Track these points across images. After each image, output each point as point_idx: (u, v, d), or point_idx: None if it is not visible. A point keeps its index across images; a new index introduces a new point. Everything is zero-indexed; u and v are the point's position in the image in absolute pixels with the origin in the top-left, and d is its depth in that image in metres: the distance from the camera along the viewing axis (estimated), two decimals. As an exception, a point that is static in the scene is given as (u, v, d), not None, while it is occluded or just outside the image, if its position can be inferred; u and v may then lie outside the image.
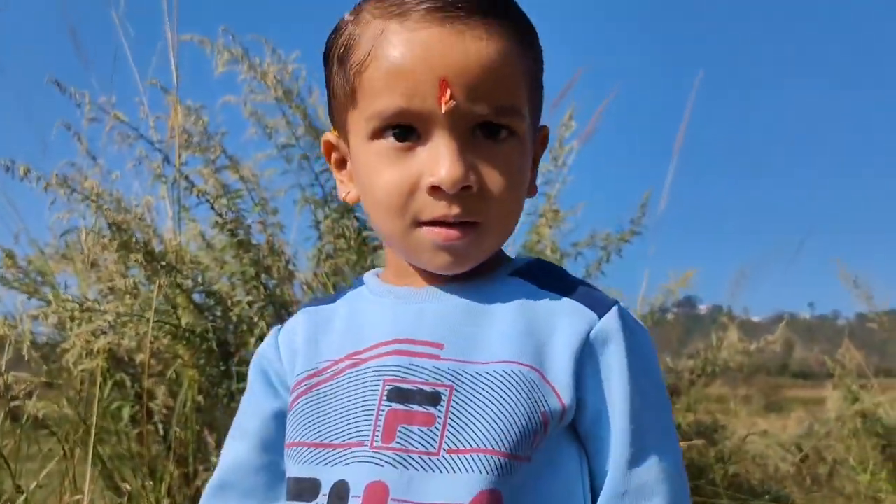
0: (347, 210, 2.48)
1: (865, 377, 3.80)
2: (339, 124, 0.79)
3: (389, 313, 0.77)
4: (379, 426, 0.71)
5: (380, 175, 0.73)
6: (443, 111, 0.69)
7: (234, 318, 2.28)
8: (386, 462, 0.69)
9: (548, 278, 0.78)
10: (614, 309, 0.74)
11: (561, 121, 2.66)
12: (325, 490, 0.71)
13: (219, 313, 2.30)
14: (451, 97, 0.69)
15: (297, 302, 2.53)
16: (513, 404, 0.70)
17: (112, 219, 2.06)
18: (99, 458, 2.27)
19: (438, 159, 0.70)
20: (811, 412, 4.49)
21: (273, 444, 0.81)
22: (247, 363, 2.19)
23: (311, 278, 2.52)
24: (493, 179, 0.72)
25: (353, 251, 2.38)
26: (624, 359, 0.72)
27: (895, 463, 3.38)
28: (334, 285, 2.41)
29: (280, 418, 0.80)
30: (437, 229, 0.72)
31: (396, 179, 0.72)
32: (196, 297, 2.34)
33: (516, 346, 0.72)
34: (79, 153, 2.37)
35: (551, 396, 0.71)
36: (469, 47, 0.70)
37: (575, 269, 2.65)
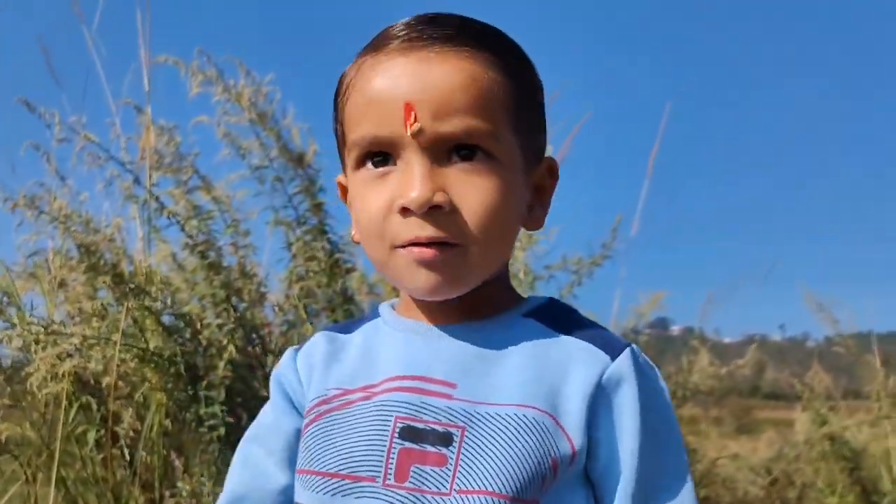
0: (321, 232, 2.48)
1: (834, 400, 3.85)
2: (343, 164, 0.81)
3: (402, 348, 0.78)
4: (391, 464, 0.72)
5: (363, 202, 0.75)
6: (408, 133, 0.71)
7: (204, 341, 2.26)
8: (399, 501, 0.70)
9: (561, 320, 0.78)
10: (627, 350, 0.75)
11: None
12: None
13: (188, 336, 2.28)
14: (416, 120, 0.71)
15: (268, 324, 2.52)
16: (524, 449, 0.70)
17: (80, 240, 2.04)
18: (62, 483, 2.23)
19: (408, 181, 0.71)
20: (782, 434, 4.53)
21: (294, 463, 0.81)
22: (215, 387, 2.18)
23: (282, 300, 2.51)
24: (467, 199, 0.72)
25: (324, 273, 2.37)
26: (636, 401, 0.73)
27: (863, 486, 3.42)
28: (305, 307, 2.40)
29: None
30: (411, 248, 0.72)
31: (375, 204, 0.73)
32: (166, 319, 2.31)
33: (530, 389, 0.73)
34: (48, 173, 2.35)
35: (563, 441, 0.72)
36: (434, 71, 0.71)
37: (547, 291, 2.66)
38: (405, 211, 0.71)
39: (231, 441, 2.16)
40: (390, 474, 0.71)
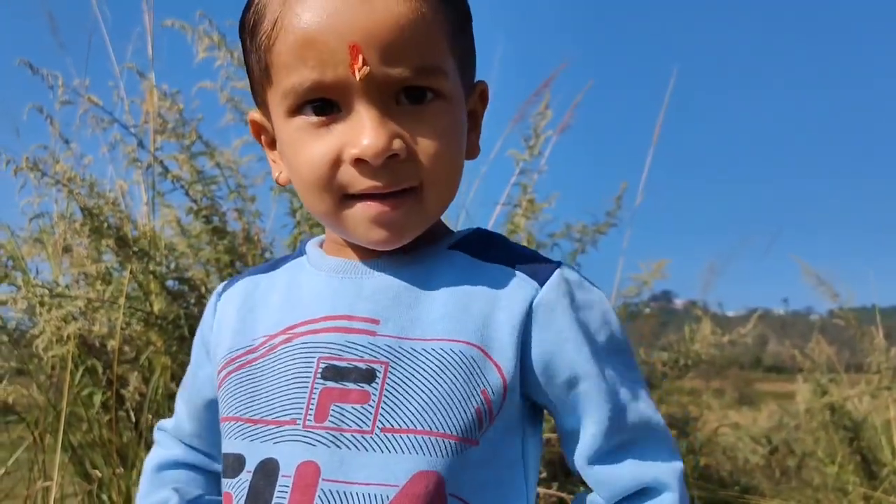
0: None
1: (835, 371, 3.86)
2: (261, 102, 0.75)
3: (326, 288, 0.75)
4: (312, 404, 0.69)
5: (302, 151, 0.69)
6: (357, 79, 0.65)
7: (208, 306, 2.27)
8: (318, 441, 0.68)
9: (488, 249, 0.75)
10: (556, 273, 0.72)
11: (537, 110, 2.67)
12: (249, 467, 0.70)
13: (192, 300, 2.29)
14: (364, 63, 0.65)
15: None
16: (451, 384, 0.68)
17: (84, 203, 2.04)
18: (69, 445, 2.25)
19: (360, 129, 0.66)
20: (782, 406, 4.55)
21: (197, 415, 0.85)
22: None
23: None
24: (422, 144, 0.68)
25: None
26: (574, 321, 0.71)
27: (862, 455, 3.44)
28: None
29: (207, 383, 0.82)
30: (369, 203, 0.69)
31: (319, 154, 0.68)
32: (170, 283, 2.32)
33: (457, 323, 0.70)
34: (51, 136, 2.34)
35: (493, 373, 0.69)
36: (376, 7, 0.65)
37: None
38: (359, 162, 0.67)
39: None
40: (311, 415, 0.69)
